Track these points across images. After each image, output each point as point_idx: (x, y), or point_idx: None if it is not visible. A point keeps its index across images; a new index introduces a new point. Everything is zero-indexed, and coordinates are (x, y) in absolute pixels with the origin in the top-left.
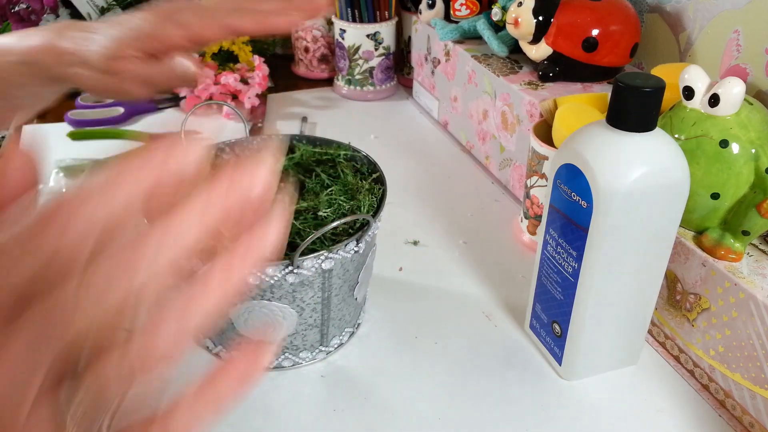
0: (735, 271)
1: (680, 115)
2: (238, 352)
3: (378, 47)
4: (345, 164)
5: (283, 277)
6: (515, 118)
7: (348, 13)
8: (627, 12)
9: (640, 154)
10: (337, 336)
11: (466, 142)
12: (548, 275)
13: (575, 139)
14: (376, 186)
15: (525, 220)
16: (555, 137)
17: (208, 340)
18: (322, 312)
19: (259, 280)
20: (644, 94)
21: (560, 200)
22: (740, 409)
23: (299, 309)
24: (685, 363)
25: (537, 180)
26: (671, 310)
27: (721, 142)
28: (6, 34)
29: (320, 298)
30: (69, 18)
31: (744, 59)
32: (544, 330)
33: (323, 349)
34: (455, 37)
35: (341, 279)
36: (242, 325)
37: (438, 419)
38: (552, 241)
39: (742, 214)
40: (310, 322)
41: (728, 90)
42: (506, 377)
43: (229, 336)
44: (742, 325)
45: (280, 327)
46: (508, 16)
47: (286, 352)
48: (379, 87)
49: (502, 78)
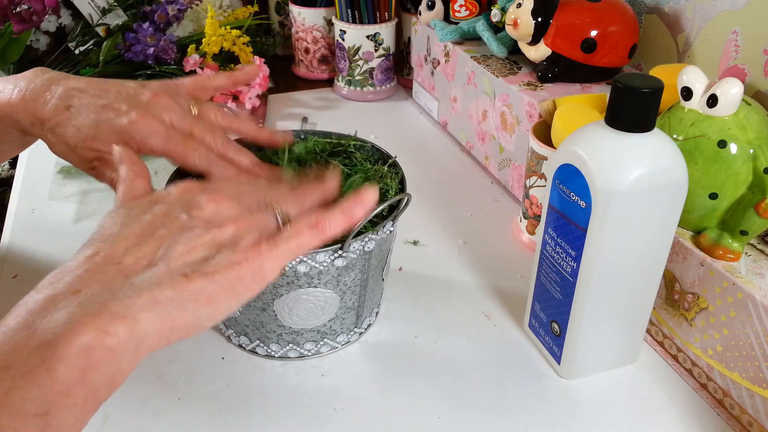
0: (733, 271)
1: (678, 115)
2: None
3: (378, 48)
4: (357, 154)
5: (331, 263)
6: (514, 118)
7: (348, 14)
8: (626, 13)
9: (638, 155)
10: (368, 317)
11: (465, 143)
12: (547, 275)
13: (574, 139)
14: (393, 170)
15: (524, 220)
16: (554, 138)
17: (244, 337)
18: (359, 294)
19: (309, 268)
20: (643, 95)
21: (559, 200)
22: (738, 408)
23: (341, 293)
24: (684, 362)
25: (536, 180)
26: (669, 309)
27: (719, 143)
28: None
29: (359, 280)
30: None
31: (742, 60)
32: (543, 329)
33: (356, 331)
34: (455, 38)
35: (377, 260)
36: (286, 315)
37: (437, 418)
38: (551, 240)
39: (740, 214)
40: (349, 305)
41: (726, 90)
42: (505, 376)
43: (271, 329)
44: (740, 324)
45: (323, 313)
46: (507, 17)
47: (325, 338)
48: (379, 88)
49: (501, 79)
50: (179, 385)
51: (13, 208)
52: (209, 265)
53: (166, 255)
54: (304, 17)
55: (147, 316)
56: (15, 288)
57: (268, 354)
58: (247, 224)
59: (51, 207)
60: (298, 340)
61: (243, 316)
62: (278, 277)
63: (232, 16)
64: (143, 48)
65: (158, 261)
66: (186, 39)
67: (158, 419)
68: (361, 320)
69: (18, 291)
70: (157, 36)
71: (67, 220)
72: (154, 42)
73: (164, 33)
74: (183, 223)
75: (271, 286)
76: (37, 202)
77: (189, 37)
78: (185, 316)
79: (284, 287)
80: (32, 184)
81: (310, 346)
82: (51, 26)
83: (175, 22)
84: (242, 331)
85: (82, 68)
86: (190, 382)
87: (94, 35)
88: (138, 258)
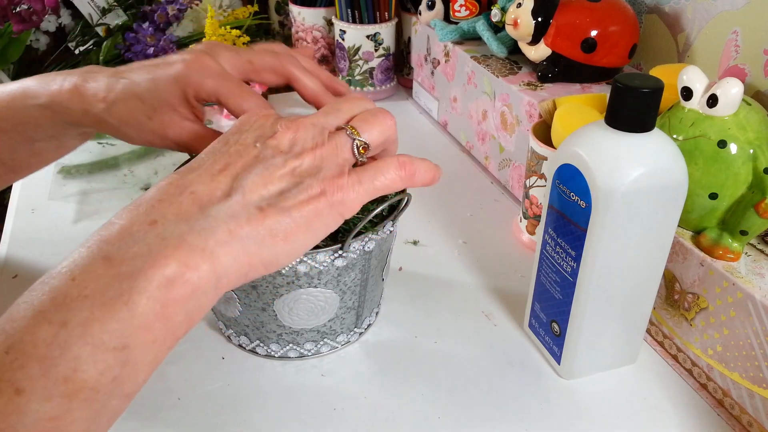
0: (733, 271)
1: (678, 115)
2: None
3: (378, 48)
4: None
5: (331, 263)
6: (514, 118)
7: (348, 14)
8: (626, 13)
9: (638, 155)
10: (368, 317)
11: (465, 143)
12: (547, 275)
13: (574, 139)
14: None
15: (524, 220)
16: (554, 138)
17: (244, 337)
18: (359, 294)
19: (309, 268)
20: (643, 95)
21: (559, 200)
22: (738, 408)
23: (341, 293)
24: (684, 362)
25: (536, 180)
26: (669, 309)
27: (719, 143)
28: (30, 78)
29: (359, 280)
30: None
31: (742, 60)
32: (543, 329)
33: (356, 331)
34: (455, 37)
35: (377, 260)
36: (286, 315)
37: (437, 418)
38: (551, 240)
39: (740, 214)
40: (349, 305)
41: (726, 90)
42: (505, 376)
43: (271, 329)
44: (740, 324)
45: (323, 313)
46: (508, 17)
47: (325, 338)
48: (379, 87)
49: (501, 78)
50: (179, 385)
51: (13, 208)
52: (286, 199)
53: (241, 186)
54: (304, 17)
55: (225, 250)
56: (15, 288)
57: (268, 354)
58: (326, 152)
59: (51, 207)
60: (298, 340)
61: (243, 316)
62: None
63: (232, 16)
64: (143, 48)
65: (233, 192)
66: (186, 39)
67: (158, 419)
68: (361, 320)
69: (18, 291)
70: (157, 36)
71: (67, 220)
72: (154, 42)
73: (164, 33)
74: (258, 153)
75: (271, 286)
76: (37, 202)
77: (189, 37)
78: (262, 252)
79: (284, 287)
80: (32, 184)
81: (310, 346)
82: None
83: (175, 22)
84: (242, 331)
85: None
86: (190, 382)
87: (94, 35)
88: (212, 188)
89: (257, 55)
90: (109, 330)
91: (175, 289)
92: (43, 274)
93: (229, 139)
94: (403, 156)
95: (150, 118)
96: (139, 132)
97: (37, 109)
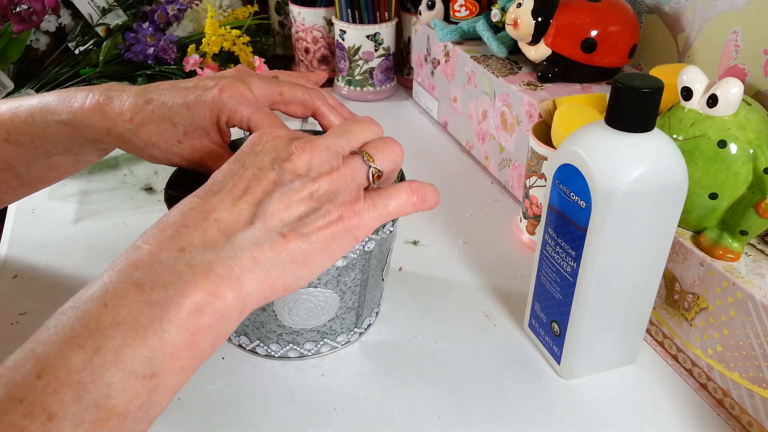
0: (733, 271)
1: (678, 115)
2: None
3: (378, 48)
4: None
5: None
6: (514, 118)
7: (348, 14)
8: (626, 13)
9: (638, 155)
10: (368, 317)
11: (465, 143)
12: (547, 275)
13: (574, 139)
14: None
15: (524, 220)
16: (554, 138)
17: (244, 337)
18: (359, 294)
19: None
20: (643, 95)
21: (559, 200)
22: (738, 408)
23: (341, 293)
24: (684, 362)
25: (536, 180)
26: (669, 309)
27: (719, 143)
28: (49, 93)
29: (359, 280)
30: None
31: (742, 60)
32: (543, 329)
33: (356, 331)
34: (455, 38)
35: (377, 260)
36: (286, 315)
37: (437, 418)
38: (551, 240)
39: (740, 214)
40: (349, 305)
41: (726, 90)
42: (505, 376)
43: (271, 329)
44: (740, 324)
45: (323, 313)
46: (508, 17)
47: (325, 338)
48: (379, 88)
49: (501, 79)
50: None
51: (13, 208)
52: (305, 225)
53: (262, 212)
54: (304, 17)
55: (250, 277)
56: (15, 288)
57: (268, 354)
58: (342, 176)
59: (51, 207)
60: (298, 340)
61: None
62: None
63: (232, 16)
64: (143, 48)
65: (256, 219)
66: (186, 39)
67: (158, 419)
68: (361, 320)
69: (18, 291)
70: (157, 36)
71: (67, 220)
72: (154, 42)
73: (164, 33)
74: (276, 178)
75: None
76: (37, 202)
77: (189, 37)
78: (284, 277)
79: None
80: None
81: (310, 346)
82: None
83: (175, 21)
84: (242, 331)
85: (81, 68)
86: (190, 382)
87: (94, 35)
88: (235, 215)
89: (288, 88)
90: (141, 357)
91: (204, 318)
92: (43, 274)
93: (245, 162)
94: (415, 182)
95: (180, 141)
96: (165, 153)
97: (57, 125)
